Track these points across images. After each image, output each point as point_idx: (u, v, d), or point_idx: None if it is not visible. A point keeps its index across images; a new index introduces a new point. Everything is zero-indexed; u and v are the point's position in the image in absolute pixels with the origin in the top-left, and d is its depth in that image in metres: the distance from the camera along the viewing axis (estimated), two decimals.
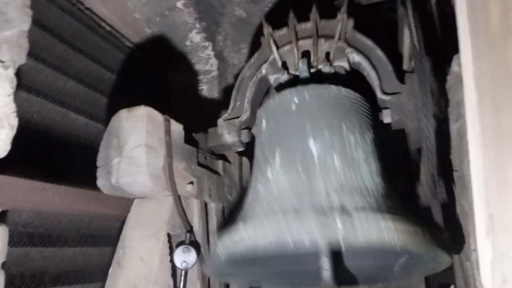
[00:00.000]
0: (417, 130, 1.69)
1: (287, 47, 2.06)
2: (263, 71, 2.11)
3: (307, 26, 2.03)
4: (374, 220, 1.41)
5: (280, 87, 2.03)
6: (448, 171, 1.81)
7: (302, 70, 1.95)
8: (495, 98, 0.88)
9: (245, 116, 2.09)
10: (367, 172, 1.67)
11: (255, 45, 3.16)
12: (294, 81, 1.97)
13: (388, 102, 1.87)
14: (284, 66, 2.06)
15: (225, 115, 2.15)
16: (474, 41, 0.88)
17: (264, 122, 1.90)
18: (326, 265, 1.42)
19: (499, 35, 0.87)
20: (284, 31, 2.07)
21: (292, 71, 2.04)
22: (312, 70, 1.98)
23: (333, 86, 1.80)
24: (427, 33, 2.00)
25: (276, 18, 2.12)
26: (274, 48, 2.05)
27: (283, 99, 1.84)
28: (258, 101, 2.19)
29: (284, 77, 2.02)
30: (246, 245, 1.49)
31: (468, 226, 1.36)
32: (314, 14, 1.99)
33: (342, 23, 1.95)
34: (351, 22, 1.98)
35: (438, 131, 1.73)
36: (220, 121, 2.15)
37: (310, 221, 1.42)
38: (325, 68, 1.96)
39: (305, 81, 1.93)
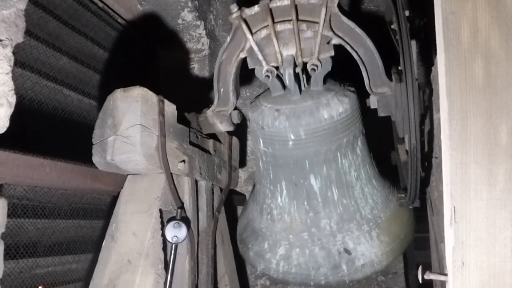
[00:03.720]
0: (401, 124, 1.75)
1: (263, 33, 1.84)
2: (241, 55, 1.93)
3: (283, 3, 1.77)
4: (368, 255, 2.07)
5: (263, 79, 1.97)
6: (429, 157, 1.93)
7: (288, 79, 1.83)
8: (462, 107, 1.01)
9: (232, 106, 2.08)
10: (359, 190, 2.10)
11: None
12: (278, 76, 1.94)
13: (376, 99, 1.90)
14: (265, 59, 1.87)
15: (213, 107, 2.12)
16: (448, 56, 1.00)
17: (261, 143, 2.06)
18: None
19: (468, 52, 0.99)
20: (256, 9, 1.80)
21: (273, 63, 1.88)
22: (298, 70, 1.85)
23: (326, 115, 1.90)
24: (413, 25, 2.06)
25: None
26: (249, 36, 1.83)
27: (279, 132, 1.95)
28: (238, 82, 2.09)
29: (269, 78, 1.90)
30: (278, 276, 2.19)
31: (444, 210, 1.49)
32: None
33: (326, 6, 1.73)
34: (335, 1, 1.76)
35: (422, 121, 1.84)
36: (209, 112, 2.13)
37: (327, 273, 2.08)
38: (311, 69, 1.85)
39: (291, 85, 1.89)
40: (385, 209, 2.14)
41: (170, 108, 2.07)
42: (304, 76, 1.94)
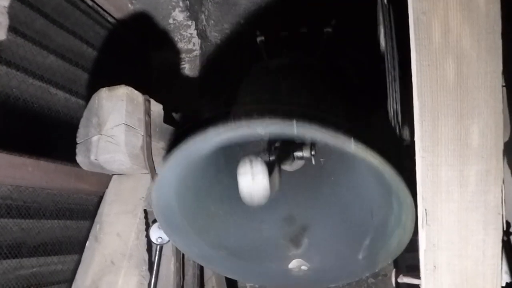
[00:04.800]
0: None
1: None
2: None
3: None
4: None
5: None
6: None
7: None
8: (433, 108, 1.00)
9: None
10: None
11: (238, 25, 3.20)
12: None
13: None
14: None
15: None
16: (419, 56, 0.99)
17: None
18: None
19: (439, 52, 0.98)
20: None
21: None
22: None
23: None
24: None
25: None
26: None
27: None
28: None
29: None
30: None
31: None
32: None
33: None
34: None
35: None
36: None
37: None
38: None
39: None
40: None
41: (157, 108, 2.06)
42: None
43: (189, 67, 3.13)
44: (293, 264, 1.69)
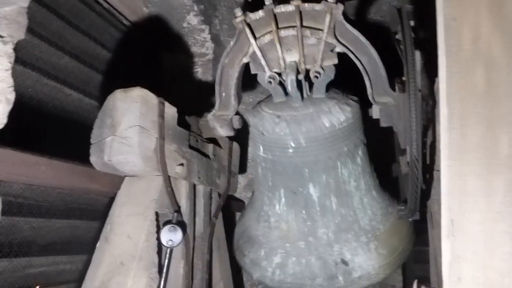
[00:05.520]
0: (403, 134, 1.73)
1: (267, 38, 1.81)
2: (244, 59, 1.92)
3: (288, 9, 1.75)
4: (365, 267, 2.01)
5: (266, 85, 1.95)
6: (431, 169, 1.90)
7: (290, 86, 1.80)
8: (462, 115, 0.98)
9: (233, 110, 2.06)
10: (358, 200, 2.06)
11: None
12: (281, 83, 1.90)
13: (379, 109, 1.87)
14: (267, 65, 1.86)
15: (214, 111, 2.10)
16: (448, 62, 0.98)
17: (261, 149, 2.03)
18: None
19: (469, 59, 0.97)
20: (260, 14, 1.79)
21: (276, 69, 1.87)
22: (300, 77, 1.85)
23: (327, 123, 1.88)
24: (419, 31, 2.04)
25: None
26: (252, 41, 1.82)
27: (279, 139, 1.93)
28: (240, 86, 2.07)
29: (272, 84, 1.87)
30: (273, 284, 2.15)
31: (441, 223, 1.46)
32: None
33: (331, 13, 1.71)
34: (340, 8, 1.73)
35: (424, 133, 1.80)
36: (209, 116, 2.11)
37: (322, 283, 2.03)
38: (314, 76, 1.83)
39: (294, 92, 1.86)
40: (384, 221, 2.11)
41: (171, 111, 2.06)
42: (306, 83, 1.93)
43: (201, 71, 3.14)
44: None
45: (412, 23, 1.72)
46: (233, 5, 3.27)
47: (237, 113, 2.13)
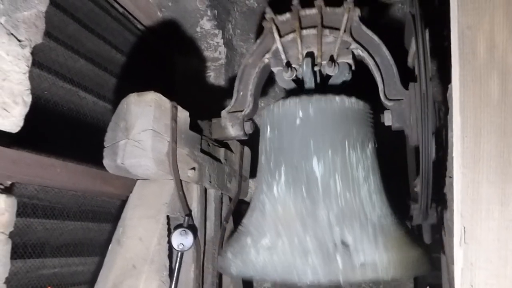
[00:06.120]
0: (415, 138, 1.74)
1: (290, 36, 2.03)
2: (266, 60, 2.10)
3: (312, 12, 2.00)
4: (371, 255, 1.67)
5: (283, 82, 2.09)
6: (443, 175, 1.89)
7: (306, 74, 1.96)
8: (476, 124, 0.98)
9: (248, 109, 2.13)
10: (366, 192, 1.83)
11: None
12: (298, 79, 2.01)
13: (390, 107, 1.92)
14: (287, 59, 2.03)
15: (229, 107, 2.18)
16: (462, 71, 0.98)
17: (268, 129, 1.97)
18: None
19: (484, 67, 0.97)
20: (287, 16, 2.04)
21: (295, 65, 2.02)
22: (316, 68, 1.99)
23: (337, 98, 1.86)
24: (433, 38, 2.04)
25: (282, 5, 2.10)
26: (277, 37, 2.03)
27: (288, 111, 1.90)
28: (260, 90, 2.22)
29: (287, 74, 2.00)
30: (256, 271, 1.81)
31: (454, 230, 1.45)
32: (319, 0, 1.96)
33: (348, 13, 1.92)
34: (357, 12, 1.94)
35: (437, 138, 1.80)
36: (223, 113, 2.18)
37: (316, 263, 1.67)
38: (329, 68, 1.96)
39: (309, 81, 1.98)
40: (395, 228, 1.85)
41: (183, 115, 2.07)
42: (321, 78, 2.01)
43: (214, 76, 3.16)
44: None
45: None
46: (246, 10, 3.29)
47: (250, 119, 2.15)
